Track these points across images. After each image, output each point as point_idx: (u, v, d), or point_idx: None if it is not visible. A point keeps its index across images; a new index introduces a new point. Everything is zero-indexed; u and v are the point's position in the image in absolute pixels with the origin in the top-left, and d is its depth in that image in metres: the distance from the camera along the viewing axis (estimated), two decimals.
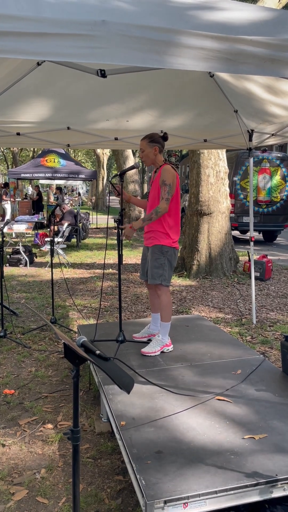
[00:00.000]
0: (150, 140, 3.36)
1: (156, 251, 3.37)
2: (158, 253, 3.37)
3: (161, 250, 3.36)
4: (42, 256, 10.11)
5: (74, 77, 3.55)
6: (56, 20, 1.64)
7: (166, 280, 3.38)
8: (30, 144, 4.98)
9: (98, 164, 26.30)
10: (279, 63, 1.84)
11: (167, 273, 3.38)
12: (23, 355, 4.14)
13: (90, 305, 5.87)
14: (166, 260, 3.37)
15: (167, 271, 3.38)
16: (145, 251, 3.55)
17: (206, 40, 1.75)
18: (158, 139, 3.38)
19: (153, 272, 3.38)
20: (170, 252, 3.38)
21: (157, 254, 3.37)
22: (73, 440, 1.55)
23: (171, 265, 3.42)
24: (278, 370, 3.08)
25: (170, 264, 3.40)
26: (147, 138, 3.38)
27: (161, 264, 3.36)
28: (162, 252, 3.36)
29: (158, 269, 3.37)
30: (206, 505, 1.82)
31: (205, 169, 7.53)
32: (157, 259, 3.37)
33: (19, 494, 2.28)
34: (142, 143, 3.38)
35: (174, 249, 3.41)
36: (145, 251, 3.57)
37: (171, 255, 3.38)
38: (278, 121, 4.23)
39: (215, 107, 4.32)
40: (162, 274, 3.36)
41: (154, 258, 3.38)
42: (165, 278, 3.37)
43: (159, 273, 3.36)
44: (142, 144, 3.39)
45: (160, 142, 3.39)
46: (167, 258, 3.37)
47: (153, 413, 2.47)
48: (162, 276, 3.36)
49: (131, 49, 1.71)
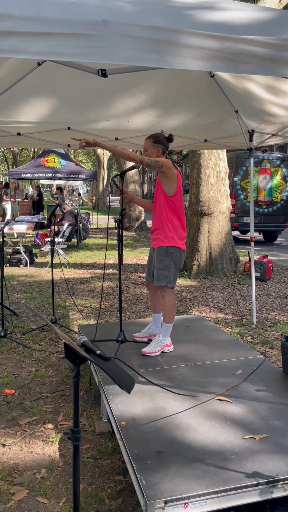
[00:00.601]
0: (155, 140, 3.32)
1: (161, 252, 3.35)
2: (163, 254, 3.34)
3: (166, 251, 3.33)
4: (43, 256, 10.11)
5: (74, 77, 3.55)
6: (57, 20, 1.64)
7: (172, 282, 3.36)
8: (30, 144, 4.99)
9: (99, 164, 26.30)
10: (280, 62, 1.84)
11: (173, 275, 3.35)
12: (23, 355, 4.14)
13: (91, 305, 5.87)
14: (171, 261, 3.34)
15: (172, 272, 3.35)
16: (151, 252, 3.53)
17: (206, 39, 1.75)
18: (162, 141, 3.34)
19: (159, 274, 3.36)
20: (175, 253, 3.34)
21: (162, 256, 3.34)
22: (73, 440, 1.55)
23: (177, 266, 3.38)
24: (279, 370, 3.08)
25: (175, 265, 3.36)
26: (151, 138, 3.33)
27: (166, 265, 3.33)
28: (167, 253, 3.33)
29: (163, 271, 3.34)
30: (206, 505, 1.82)
31: (206, 169, 7.53)
32: (162, 261, 3.34)
33: (19, 494, 2.28)
34: (146, 142, 3.34)
35: (180, 250, 3.37)
36: (151, 252, 3.54)
37: (176, 256, 3.35)
38: (278, 121, 4.23)
39: (216, 107, 4.31)
40: (167, 276, 3.34)
41: (159, 259, 3.35)
42: (171, 280, 3.35)
43: (164, 275, 3.34)
44: (146, 143, 3.34)
45: (164, 143, 3.34)
46: (172, 260, 3.34)
47: (154, 413, 2.47)
48: (167, 278, 3.34)
49: (132, 49, 1.71)
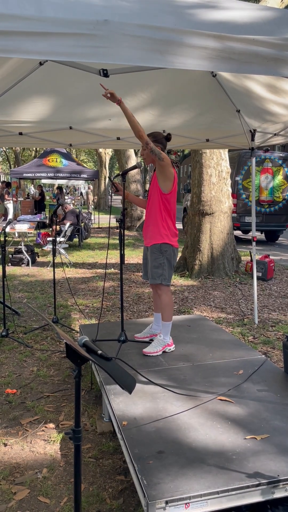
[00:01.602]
0: (154, 139, 3.33)
1: (155, 250, 3.36)
2: (157, 252, 3.36)
3: (160, 249, 3.34)
4: (44, 255, 10.11)
5: (76, 77, 3.55)
6: (58, 20, 1.64)
7: (166, 280, 3.38)
8: (32, 144, 4.99)
9: (100, 163, 26.30)
10: (282, 62, 1.84)
11: (167, 273, 3.37)
12: (25, 354, 4.14)
13: (92, 305, 5.87)
14: (165, 259, 3.35)
15: (166, 270, 3.37)
16: (145, 251, 3.54)
17: (208, 39, 1.75)
18: (161, 139, 3.37)
19: (153, 272, 3.37)
20: (169, 251, 3.36)
21: (156, 254, 3.36)
22: (74, 440, 1.55)
23: (171, 264, 3.40)
24: (280, 371, 3.07)
25: (169, 263, 3.38)
26: (150, 136, 3.35)
27: (160, 263, 3.35)
28: (161, 251, 3.35)
29: (158, 269, 3.36)
30: (207, 505, 1.82)
31: (207, 168, 7.52)
32: (156, 259, 3.36)
33: (20, 494, 2.28)
34: None
35: (173, 248, 3.39)
36: (145, 251, 3.56)
37: (170, 254, 3.37)
38: (280, 121, 4.22)
39: (217, 107, 4.31)
40: (162, 273, 3.35)
41: (153, 257, 3.37)
42: (165, 278, 3.37)
43: (158, 273, 3.36)
44: None
45: (163, 142, 3.37)
46: (166, 257, 3.36)
47: (155, 413, 2.47)
48: (162, 275, 3.36)
49: (133, 49, 1.71)
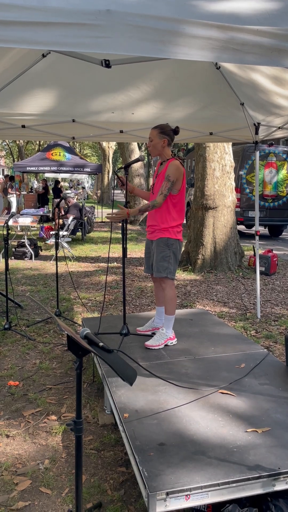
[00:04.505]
0: (161, 131, 3.32)
1: (161, 244, 3.36)
2: (163, 246, 3.36)
3: (167, 243, 3.35)
4: (47, 249, 10.13)
5: (79, 69, 3.53)
6: (60, 10, 1.63)
7: (172, 273, 3.38)
8: (35, 136, 4.97)
9: (104, 157, 26.23)
10: (286, 53, 1.81)
11: (173, 266, 3.38)
12: (27, 347, 4.16)
13: (95, 298, 5.88)
14: (171, 253, 3.36)
15: (172, 264, 3.37)
16: (149, 244, 3.54)
17: (211, 29, 1.73)
18: (169, 132, 3.34)
19: (159, 265, 3.38)
20: (175, 244, 3.37)
21: (162, 247, 3.36)
22: (76, 431, 1.56)
23: (176, 258, 3.41)
24: (282, 365, 3.07)
25: (175, 256, 3.39)
26: (158, 128, 3.33)
27: (166, 257, 3.36)
28: (168, 245, 3.35)
29: (164, 262, 3.36)
30: (208, 497, 1.83)
31: (211, 162, 7.48)
32: (163, 252, 3.36)
33: (22, 484, 2.30)
34: (152, 132, 3.34)
35: (179, 242, 3.40)
36: (148, 244, 3.55)
37: (176, 247, 3.38)
38: (285, 114, 4.18)
39: (221, 100, 4.28)
40: (167, 267, 3.36)
41: (159, 251, 3.37)
42: (171, 271, 3.37)
43: (164, 266, 3.36)
44: (152, 133, 3.34)
45: (170, 135, 3.35)
46: (172, 251, 3.36)
47: (156, 406, 2.47)
48: (167, 269, 3.36)
49: (135, 39, 1.69)
